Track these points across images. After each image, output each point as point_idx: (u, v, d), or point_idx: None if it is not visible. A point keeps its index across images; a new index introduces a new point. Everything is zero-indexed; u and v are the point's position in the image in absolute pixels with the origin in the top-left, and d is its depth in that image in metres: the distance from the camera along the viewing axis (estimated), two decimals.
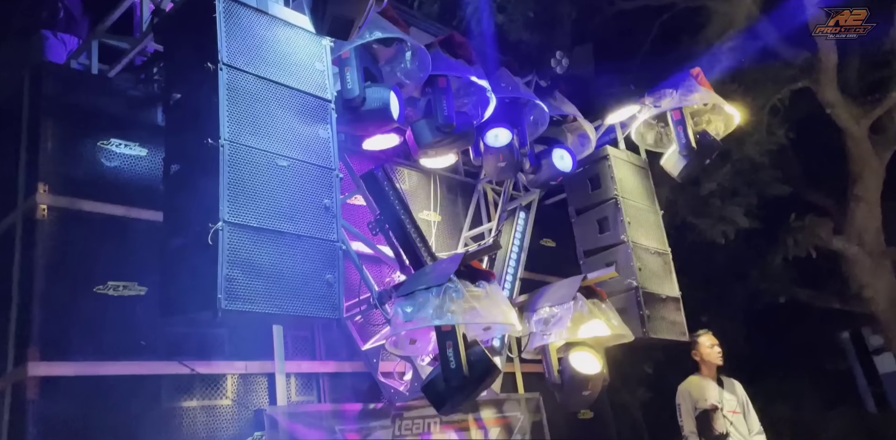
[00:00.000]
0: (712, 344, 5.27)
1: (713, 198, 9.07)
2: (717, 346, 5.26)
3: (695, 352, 5.32)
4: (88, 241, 3.72)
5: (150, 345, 3.65)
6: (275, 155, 3.31)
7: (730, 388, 5.21)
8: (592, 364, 4.66)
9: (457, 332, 3.75)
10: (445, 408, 3.82)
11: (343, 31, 3.20)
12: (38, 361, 3.31)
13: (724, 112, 5.88)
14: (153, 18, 3.87)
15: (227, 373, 3.92)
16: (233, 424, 3.81)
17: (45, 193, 3.66)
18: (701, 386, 5.20)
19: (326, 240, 3.37)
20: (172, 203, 3.32)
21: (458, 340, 3.76)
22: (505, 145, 5.11)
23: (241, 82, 3.31)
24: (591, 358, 4.68)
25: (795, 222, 9.41)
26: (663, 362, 9.67)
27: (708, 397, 5.11)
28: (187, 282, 2.99)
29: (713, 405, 5.04)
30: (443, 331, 3.79)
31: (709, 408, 5.04)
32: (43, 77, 3.97)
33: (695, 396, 5.15)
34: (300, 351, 4.35)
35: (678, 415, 5.21)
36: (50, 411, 3.26)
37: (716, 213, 9.10)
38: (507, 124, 5.19)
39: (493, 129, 5.20)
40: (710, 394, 5.12)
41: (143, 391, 3.58)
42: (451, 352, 3.76)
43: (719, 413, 5.02)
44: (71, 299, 3.55)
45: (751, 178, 9.12)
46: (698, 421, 5.06)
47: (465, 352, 3.73)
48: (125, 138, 4.07)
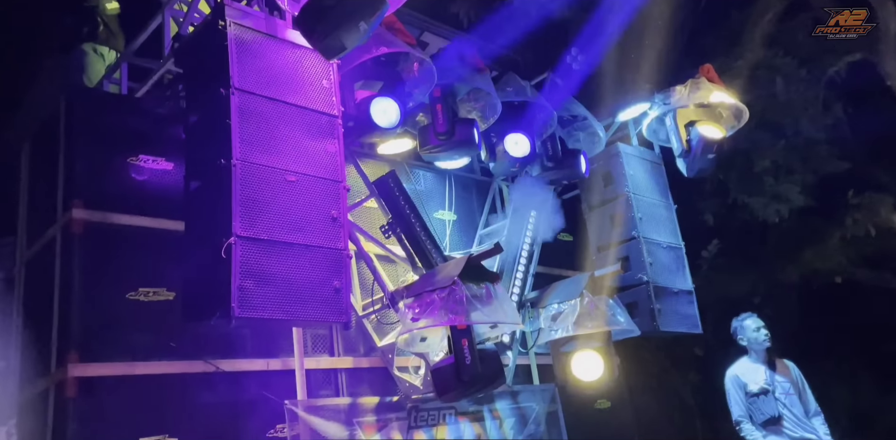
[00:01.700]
0: (757, 327, 5.20)
1: (766, 175, 8.84)
2: (762, 329, 5.19)
3: (740, 337, 5.28)
4: (121, 251, 4.05)
5: (179, 346, 3.96)
6: (284, 171, 3.57)
7: (783, 370, 5.12)
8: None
9: (471, 331, 4.00)
10: (448, 396, 4.07)
11: (336, 53, 3.46)
12: (77, 363, 3.67)
13: (735, 106, 5.96)
14: (174, 43, 4.17)
15: (249, 371, 4.23)
16: (255, 418, 4.12)
17: (81, 208, 3.99)
18: (750, 369, 5.16)
19: (334, 249, 3.63)
20: (192, 217, 3.61)
21: (472, 338, 4.02)
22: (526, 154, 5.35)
23: (251, 104, 3.57)
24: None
25: (853, 200, 9.10)
26: (714, 344, 9.38)
27: (757, 380, 5.06)
28: (205, 292, 3.29)
29: (763, 388, 5.00)
30: (458, 329, 4.04)
31: (758, 392, 5.00)
32: (77, 100, 4.31)
33: (743, 380, 5.11)
34: (319, 348, 4.64)
35: (728, 399, 5.19)
36: (88, 408, 3.61)
37: (769, 191, 8.89)
38: (523, 130, 5.41)
39: (512, 135, 5.41)
40: (760, 378, 5.07)
41: (173, 388, 3.90)
42: (466, 349, 4.01)
43: (770, 396, 4.98)
44: (106, 305, 3.89)
45: (806, 154, 8.87)
46: (748, 405, 5.03)
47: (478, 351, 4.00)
48: (153, 153, 4.38)
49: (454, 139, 4.63)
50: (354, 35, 3.27)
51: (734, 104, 5.86)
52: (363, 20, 3.22)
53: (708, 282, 9.67)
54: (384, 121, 4.23)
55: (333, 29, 3.28)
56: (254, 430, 4.09)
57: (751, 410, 5.02)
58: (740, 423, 5.07)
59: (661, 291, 5.75)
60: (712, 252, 9.76)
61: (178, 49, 4.05)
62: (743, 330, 5.26)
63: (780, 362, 5.17)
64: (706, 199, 9.53)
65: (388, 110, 4.25)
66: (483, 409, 5.32)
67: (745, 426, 5.05)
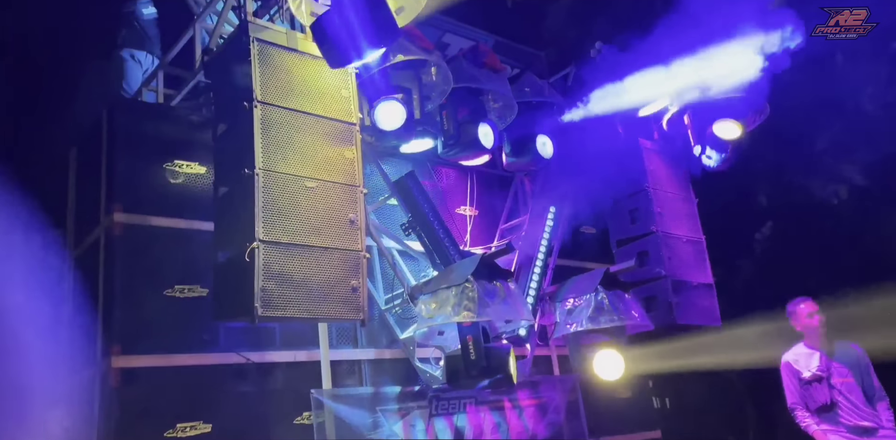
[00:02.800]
0: (811, 312, 5.03)
1: (825, 156, 8.56)
2: (816, 315, 5.02)
3: (794, 322, 5.13)
4: (158, 251, 4.37)
5: (212, 339, 4.28)
6: (304, 178, 3.82)
7: (842, 355, 4.97)
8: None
9: (477, 327, 4.21)
10: (454, 384, 4.31)
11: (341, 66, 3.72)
12: (120, 355, 4.01)
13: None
14: (203, 56, 4.44)
15: (278, 362, 4.53)
16: (284, 406, 4.43)
17: (121, 212, 4.32)
18: (804, 355, 5.04)
19: (351, 251, 3.88)
20: (220, 221, 3.90)
21: (478, 334, 4.23)
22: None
23: (273, 116, 3.82)
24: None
25: None
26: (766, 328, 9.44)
27: (811, 367, 4.96)
28: (231, 292, 3.58)
29: (816, 375, 4.90)
30: (464, 326, 4.26)
31: (811, 379, 4.92)
32: (117, 111, 4.63)
33: (796, 367, 5.02)
34: (344, 340, 4.92)
35: (783, 385, 5.11)
36: (130, 396, 3.96)
37: (828, 171, 8.65)
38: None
39: (541, 137, 5.59)
40: (814, 364, 4.96)
41: (207, 378, 4.23)
42: (471, 345, 4.24)
43: (824, 383, 4.88)
44: (145, 302, 4.22)
45: (867, 133, 8.42)
46: (802, 391, 4.96)
47: (485, 347, 4.21)
48: (187, 158, 4.68)
49: (460, 142, 4.82)
50: (362, 53, 3.48)
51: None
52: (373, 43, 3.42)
53: (760, 265, 9.52)
54: (388, 124, 4.43)
55: (344, 46, 3.49)
56: (281, 417, 4.39)
57: (804, 397, 4.95)
58: (794, 410, 5.01)
59: (679, 285, 5.85)
60: (765, 234, 9.55)
61: (206, 63, 4.32)
62: (797, 315, 5.09)
63: (842, 345, 5.01)
64: (760, 180, 9.19)
65: (393, 113, 4.45)
66: (503, 399, 5.53)
67: (800, 413, 4.98)
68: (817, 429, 4.89)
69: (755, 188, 9.34)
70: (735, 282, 9.06)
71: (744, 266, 9.60)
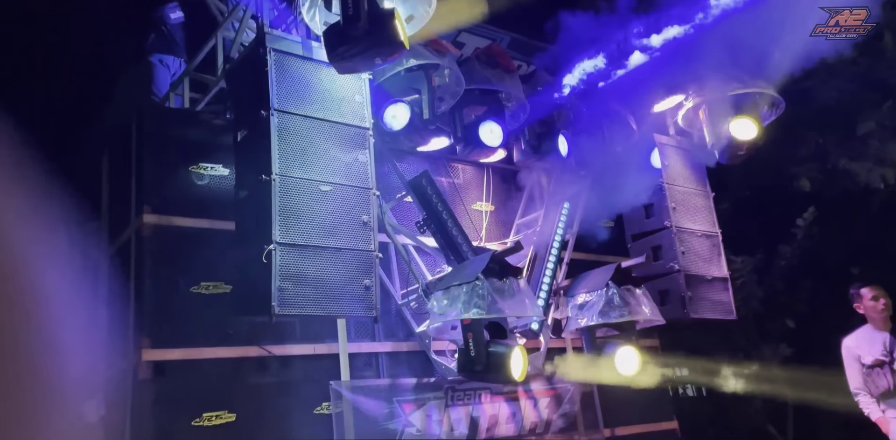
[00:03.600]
0: (875, 295, 4.96)
1: (870, 138, 8.35)
2: (882, 298, 4.95)
3: (857, 305, 5.05)
4: (184, 250, 4.61)
5: (236, 333, 4.52)
6: (319, 182, 4.02)
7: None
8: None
9: (479, 325, 4.39)
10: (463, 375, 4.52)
11: (348, 73, 3.89)
12: (150, 349, 4.28)
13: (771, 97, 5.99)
14: (224, 64, 4.65)
15: (298, 355, 4.76)
16: (304, 396, 4.66)
17: (150, 214, 4.57)
18: (866, 339, 4.95)
19: (364, 251, 4.07)
20: (241, 223, 4.12)
21: (480, 331, 4.41)
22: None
23: (289, 123, 4.01)
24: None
25: None
26: (808, 317, 9.26)
27: (873, 351, 4.86)
28: (251, 290, 3.80)
29: (877, 359, 4.82)
30: (465, 324, 4.44)
31: (873, 364, 4.85)
32: (145, 116, 4.88)
33: (857, 351, 4.92)
34: (361, 333, 5.13)
35: (844, 369, 5.05)
36: (160, 388, 4.23)
37: (873, 154, 8.40)
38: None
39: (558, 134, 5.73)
40: (877, 349, 4.86)
41: (231, 371, 4.47)
42: (471, 342, 4.41)
43: (886, 368, 4.79)
44: (173, 298, 4.47)
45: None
46: (865, 376, 4.88)
47: (485, 346, 4.39)
48: (211, 161, 4.91)
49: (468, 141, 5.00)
50: (369, 66, 3.64)
51: (770, 95, 5.90)
52: (379, 57, 3.58)
53: (803, 251, 9.43)
54: (395, 124, 4.59)
55: (350, 56, 3.65)
56: (302, 407, 4.63)
57: (867, 382, 4.87)
58: (857, 395, 4.95)
59: (693, 279, 5.93)
60: (808, 220, 9.39)
61: (227, 71, 4.53)
62: (860, 297, 5.01)
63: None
64: (801, 164, 9.05)
65: (398, 115, 4.61)
66: (518, 390, 5.71)
67: (862, 399, 4.92)
68: (881, 415, 4.82)
69: (796, 173, 9.11)
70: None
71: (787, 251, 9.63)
